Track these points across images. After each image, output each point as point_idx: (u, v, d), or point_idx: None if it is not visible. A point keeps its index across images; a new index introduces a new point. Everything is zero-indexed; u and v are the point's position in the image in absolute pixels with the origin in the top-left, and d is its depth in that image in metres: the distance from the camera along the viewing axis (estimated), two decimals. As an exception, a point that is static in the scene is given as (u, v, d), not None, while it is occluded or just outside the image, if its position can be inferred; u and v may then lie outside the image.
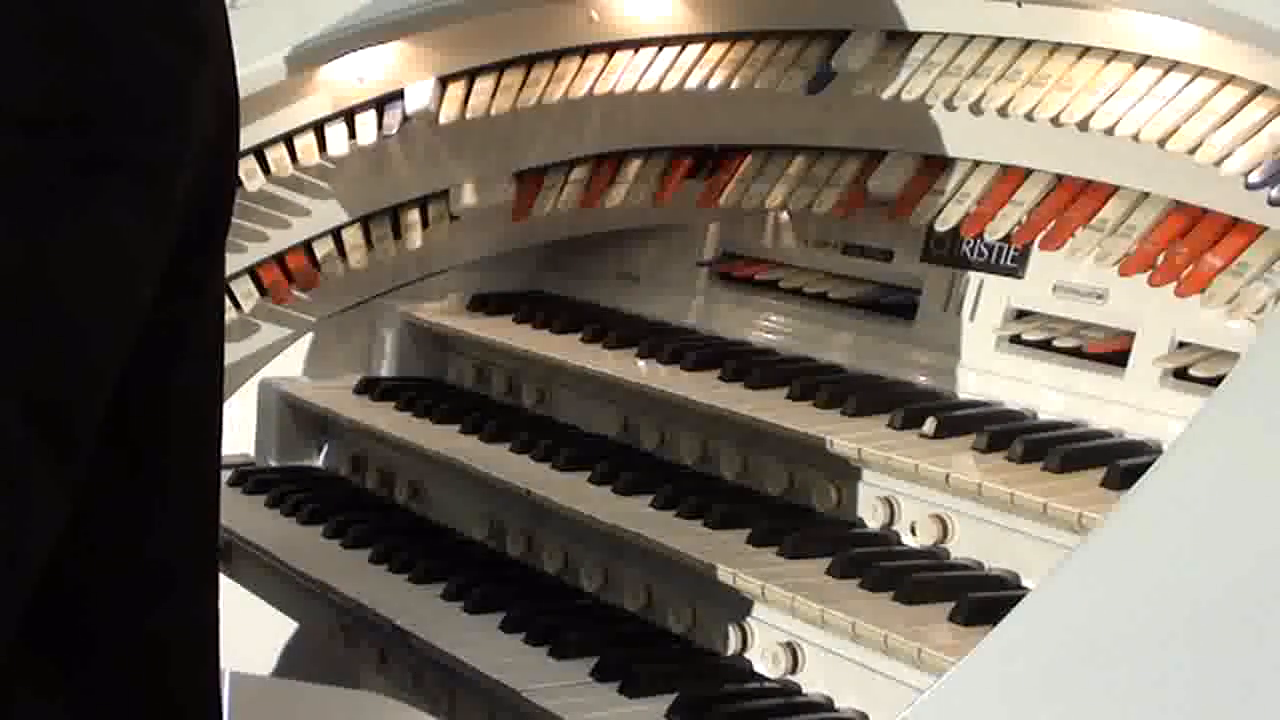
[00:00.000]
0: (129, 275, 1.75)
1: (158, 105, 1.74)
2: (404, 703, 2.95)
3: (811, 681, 2.57)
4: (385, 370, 3.71)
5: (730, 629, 2.67)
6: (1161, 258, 2.57)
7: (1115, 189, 2.68)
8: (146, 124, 1.73)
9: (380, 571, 3.12)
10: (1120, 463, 2.47)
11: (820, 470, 2.79)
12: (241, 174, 3.41)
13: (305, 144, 3.51)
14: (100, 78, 1.70)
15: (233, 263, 3.48)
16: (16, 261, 1.66)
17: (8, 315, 1.66)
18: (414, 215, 3.59)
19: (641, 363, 3.21)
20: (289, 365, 3.72)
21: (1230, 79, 2.48)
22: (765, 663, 2.62)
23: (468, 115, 3.43)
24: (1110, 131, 2.58)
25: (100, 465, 1.76)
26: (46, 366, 1.69)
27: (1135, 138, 2.55)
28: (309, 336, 3.73)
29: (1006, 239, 2.81)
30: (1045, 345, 2.77)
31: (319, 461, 3.67)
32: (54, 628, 1.81)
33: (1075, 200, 2.72)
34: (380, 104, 3.51)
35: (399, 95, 3.49)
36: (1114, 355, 2.68)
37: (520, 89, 3.39)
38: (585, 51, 3.36)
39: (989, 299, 2.88)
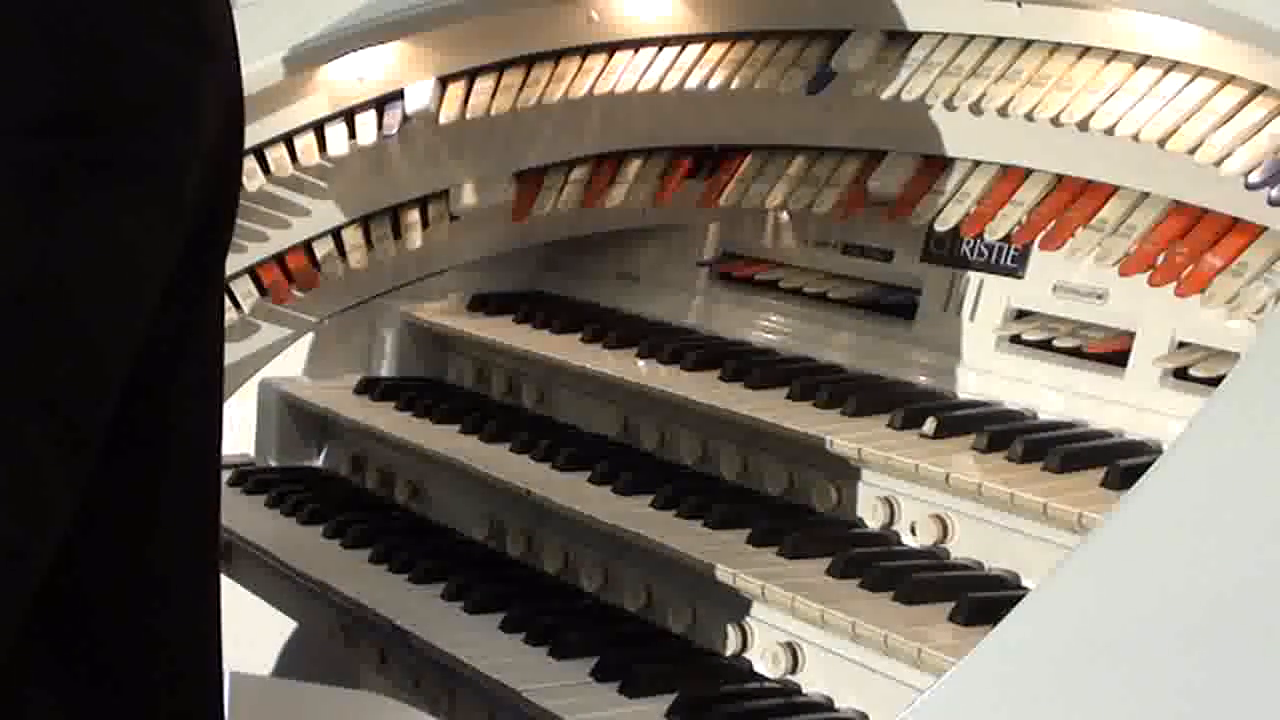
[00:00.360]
0: (137, 277, 1.75)
1: (164, 108, 1.74)
2: (404, 703, 2.95)
3: (811, 681, 2.57)
4: (385, 370, 3.71)
5: (730, 629, 2.67)
6: (1161, 258, 2.57)
7: (1115, 189, 2.68)
8: (153, 126, 1.73)
9: (380, 571, 3.12)
10: (1120, 463, 2.47)
11: (820, 470, 2.79)
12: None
13: (305, 144, 3.51)
14: (107, 81, 1.70)
15: (233, 263, 3.48)
16: (27, 264, 1.67)
17: (19, 317, 1.67)
18: (414, 215, 3.59)
19: (641, 363, 3.21)
20: (289, 365, 3.72)
21: (1230, 79, 2.48)
22: (765, 663, 2.62)
23: (468, 115, 3.43)
24: (1110, 131, 2.58)
25: (102, 466, 1.76)
26: (56, 367, 1.70)
27: (1135, 138, 2.55)
28: (309, 336, 3.73)
29: (1006, 239, 2.81)
30: (1045, 345, 2.77)
31: (319, 461, 3.67)
32: (55, 628, 1.81)
33: (1075, 200, 2.72)
34: (380, 104, 3.50)
35: (399, 95, 3.49)
36: (1114, 355, 2.68)
37: (520, 89, 3.39)
38: (585, 51, 3.36)
39: (989, 299, 2.88)
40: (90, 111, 1.69)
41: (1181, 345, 2.60)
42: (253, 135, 3.43)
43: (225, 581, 2.16)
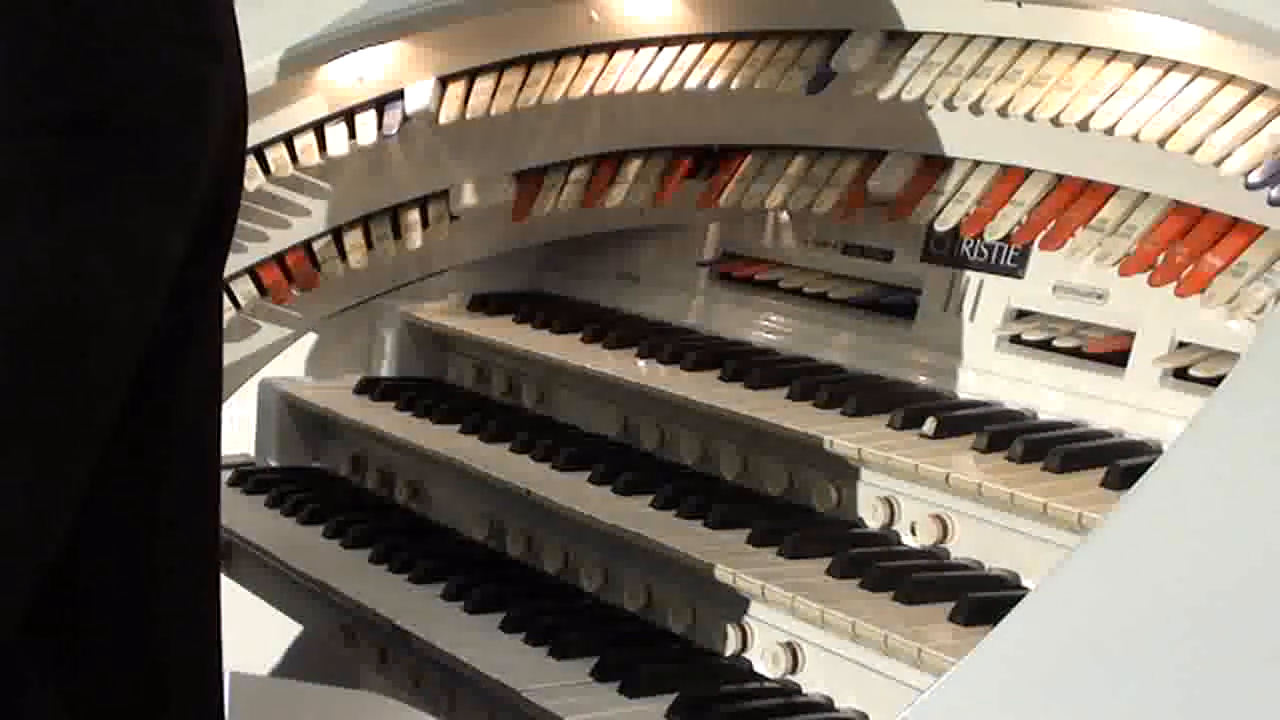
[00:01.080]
0: (146, 275, 1.76)
1: (173, 108, 1.75)
2: (404, 703, 2.95)
3: (811, 681, 2.57)
4: (385, 370, 3.71)
5: (730, 629, 2.67)
6: (1161, 258, 2.57)
7: (1115, 189, 2.68)
8: (162, 126, 1.74)
9: (380, 571, 3.12)
10: (1120, 463, 2.47)
11: (820, 470, 2.79)
12: (241, 174, 3.41)
13: (305, 144, 3.51)
14: (116, 80, 1.71)
15: (233, 263, 3.48)
16: (38, 261, 1.68)
17: (33, 312, 1.68)
18: (414, 215, 3.59)
19: (641, 363, 3.21)
20: (289, 365, 3.72)
21: (1230, 79, 2.48)
22: (765, 663, 2.62)
23: (468, 115, 3.43)
24: (1110, 131, 2.58)
25: (102, 465, 1.77)
26: (67, 363, 1.70)
27: (1135, 138, 2.55)
28: (309, 336, 3.73)
29: (1006, 239, 2.81)
30: (1045, 345, 2.77)
31: (319, 461, 3.67)
32: (55, 626, 1.81)
33: (1075, 200, 2.72)
34: (380, 104, 3.50)
35: (399, 95, 3.49)
36: (1114, 355, 2.68)
37: (520, 89, 3.39)
38: (585, 51, 3.36)
39: (989, 299, 2.88)
40: (99, 111, 1.70)
41: (1181, 345, 2.60)
42: (253, 135, 3.38)
43: (225, 581, 2.16)
